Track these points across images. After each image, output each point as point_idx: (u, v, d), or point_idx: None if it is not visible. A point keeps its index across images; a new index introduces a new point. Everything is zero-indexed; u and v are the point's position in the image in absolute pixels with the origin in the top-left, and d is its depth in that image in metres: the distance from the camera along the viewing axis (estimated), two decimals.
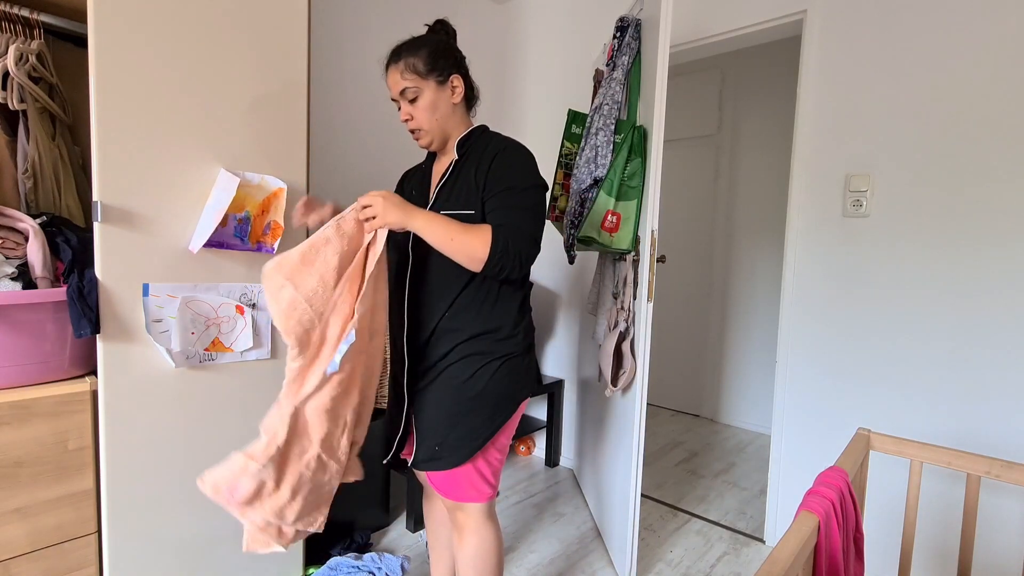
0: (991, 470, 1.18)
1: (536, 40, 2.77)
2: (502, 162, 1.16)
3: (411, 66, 1.16)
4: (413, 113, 1.19)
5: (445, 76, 1.19)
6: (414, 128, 1.21)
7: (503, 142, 1.20)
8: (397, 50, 1.20)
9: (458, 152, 1.23)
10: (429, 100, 1.18)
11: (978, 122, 1.59)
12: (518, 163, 1.17)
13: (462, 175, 1.20)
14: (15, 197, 1.36)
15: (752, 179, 3.36)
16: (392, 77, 1.19)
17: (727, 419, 3.51)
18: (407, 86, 1.17)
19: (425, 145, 1.24)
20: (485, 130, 1.27)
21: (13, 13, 1.32)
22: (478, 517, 1.22)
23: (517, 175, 1.15)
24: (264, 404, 1.47)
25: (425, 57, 1.17)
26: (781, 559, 0.77)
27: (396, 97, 1.20)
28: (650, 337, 1.70)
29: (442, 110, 1.20)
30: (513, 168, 1.16)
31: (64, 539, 1.21)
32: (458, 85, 1.22)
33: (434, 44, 1.20)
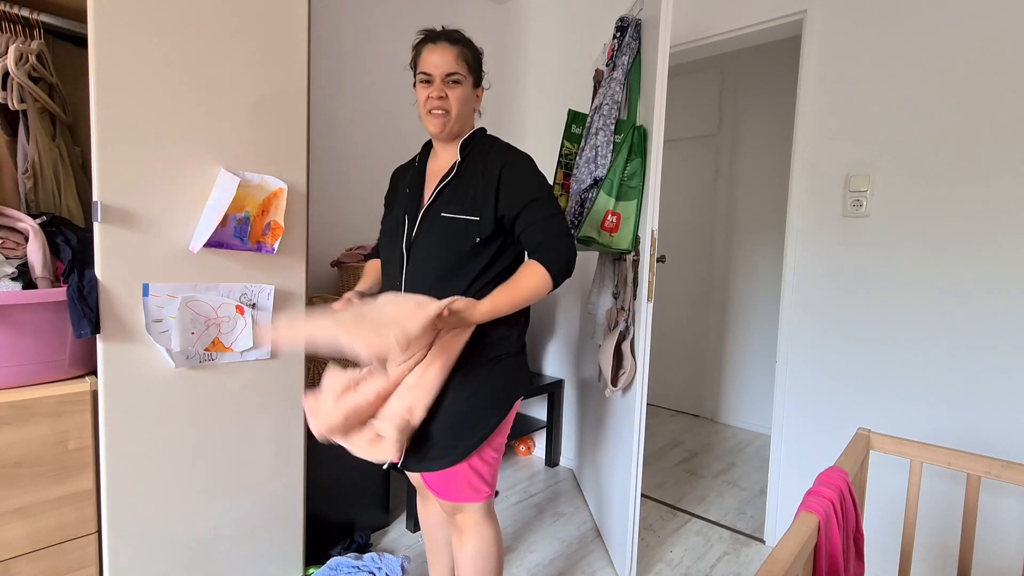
0: (991, 470, 1.18)
1: (536, 40, 2.77)
2: (514, 175, 1.19)
3: (465, 56, 1.20)
4: (450, 95, 1.19)
5: (478, 82, 1.27)
6: (442, 108, 1.19)
7: (506, 151, 1.24)
8: (453, 35, 1.21)
9: (460, 153, 1.24)
10: (465, 93, 1.22)
11: (978, 122, 1.59)
12: (529, 173, 1.21)
13: (465, 178, 1.21)
14: (15, 197, 1.36)
15: (752, 179, 3.36)
16: (444, 56, 1.18)
17: (727, 419, 3.51)
18: (457, 71, 1.19)
19: (437, 128, 1.21)
20: (484, 133, 1.30)
21: (13, 13, 1.32)
22: (477, 517, 1.22)
23: (534, 186, 1.20)
24: (264, 404, 1.47)
25: (475, 57, 1.24)
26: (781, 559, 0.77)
27: (436, 75, 1.18)
28: (650, 337, 1.70)
29: (468, 108, 1.24)
30: (528, 180, 1.20)
31: (64, 539, 1.21)
32: (480, 95, 1.30)
33: (479, 51, 1.27)
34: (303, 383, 1.55)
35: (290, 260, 1.48)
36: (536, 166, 1.24)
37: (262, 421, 1.47)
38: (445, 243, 1.18)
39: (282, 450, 1.52)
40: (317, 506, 1.78)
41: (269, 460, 1.49)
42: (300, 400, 1.54)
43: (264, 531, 1.51)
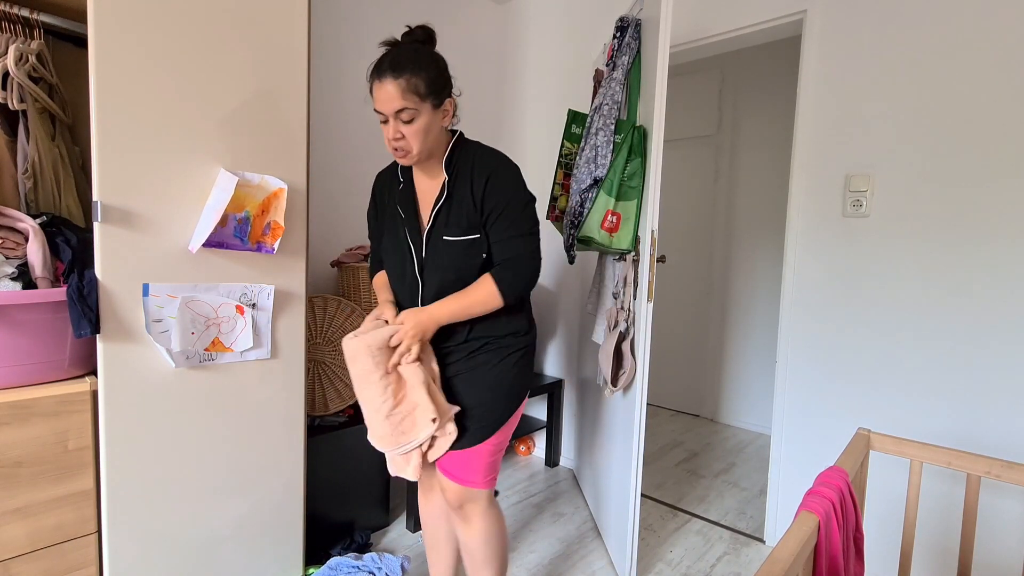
0: (991, 470, 1.18)
1: (536, 40, 2.77)
2: (496, 185, 1.19)
3: (413, 87, 1.10)
4: (405, 133, 1.14)
5: (442, 100, 1.17)
6: (401, 148, 1.16)
7: (490, 160, 1.21)
8: (398, 63, 1.10)
9: (447, 171, 1.22)
10: (424, 123, 1.14)
11: (978, 122, 1.59)
12: (510, 184, 1.21)
13: (456, 196, 1.22)
14: (15, 197, 1.36)
15: (752, 179, 3.36)
16: (386, 92, 1.10)
17: (727, 419, 3.51)
18: (406, 107, 1.11)
19: (407, 164, 1.20)
20: (462, 140, 1.26)
21: (13, 13, 1.32)
22: (484, 504, 1.30)
23: (510, 198, 1.20)
24: (264, 404, 1.47)
25: (428, 80, 1.12)
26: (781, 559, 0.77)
27: (387, 114, 1.13)
28: (650, 337, 1.70)
29: (433, 133, 1.17)
30: (505, 191, 1.20)
31: (64, 539, 1.21)
32: (450, 108, 1.20)
33: (436, 66, 1.15)
34: (303, 383, 1.55)
35: (290, 260, 1.48)
36: (518, 176, 1.22)
37: (262, 421, 1.47)
38: (455, 264, 1.22)
39: (282, 450, 1.52)
40: (317, 506, 1.78)
41: (269, 460, 1.49)
42: (300, 400, 1.54)
43: (264, 531, 1.51)
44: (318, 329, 1.89)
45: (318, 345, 1.89)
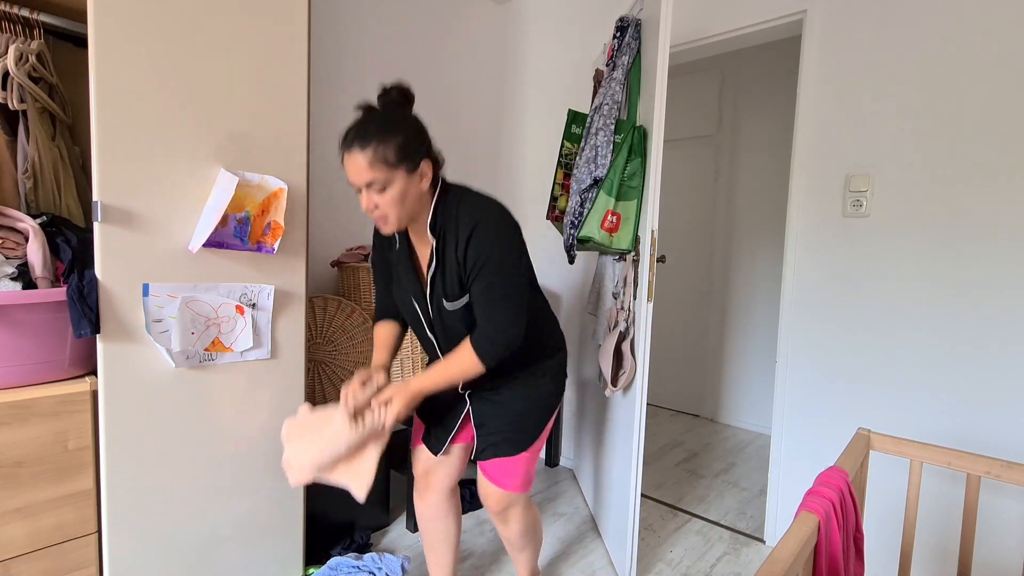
0: (991, 470, 1.18)
1: (536, 40, 2.77)
2: (476, 242, 1.13)
3: (381, 157, 1.06)
4: (379, 203, 1.11)
5: (416, 163, 1.11)
6: (379, 217, 1.13)
7: (472, 213, 1.15)
8: (364, 133, 1.07)
9: (433, 235, 1.18)
10: (399, 191, 1.10)
11: (978, 122, 1.59)
12: (491, 240, 1.13)
13: (446, 260, 1.19)
14: (15, 197, 1.36)
15: (752, 179, 3.36)
16: (355, 164, 1.07)
17: (727, 419, 3.51)
18: (374, 178, 1.07)
19: (389, 232, 1.17)
20: (447, 193, 1.20)
21: (13, 13, 1.32)
22: (521, 506, 1.39)
23: (491, 256, 1.13)
24: (264, 404, 1.47)
25: (397, 147, 1.07)
26: (781, 559, 0.77)
27: (358, 186, 1.10)
28: (650, 337, 1.70)
29: (411, 198, 1.13)
30: (486, 248, 1.13)
31: (64, 539, 1.21)
32: (427, 171, 1.14)
33: (406, 130, 1.10)
34: (303, 383, 1.55)
35: (290, 260, 1.48)
36: (501, 229, 1.15)
37: (262, 421, 1.47)
38: (464, 323, 1.22)
39: (282, 450, 1.52)
40: (317, 506, 1.78)
41: (269, 460, 1.49)
42: (300, 400, 1.54)
43: (264, 531, 1.51)
44: (318, 329, 1.89)
45: (318, 345, 1.89)
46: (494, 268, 1.13)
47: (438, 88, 2.62)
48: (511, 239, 1.16)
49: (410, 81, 2.48)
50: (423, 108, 2.55)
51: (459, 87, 2.72)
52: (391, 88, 1.16)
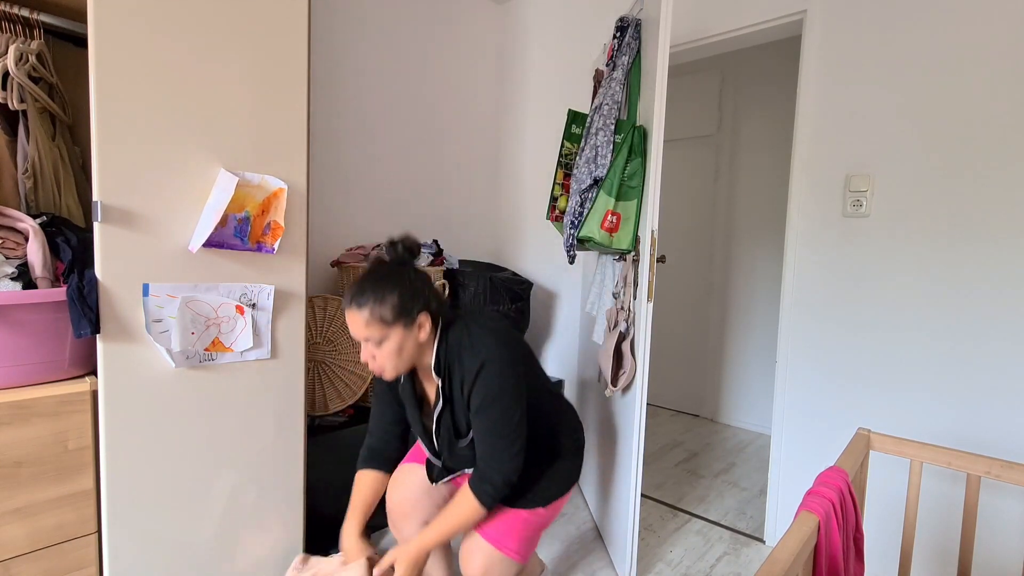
0: (991, 470, 1.18)
1: (536, 40, 2.77)
2: (482, 384, 1.17)
3: (379, 314, 1.12)
4: (376, 355, 1.16)
5: (413, 318, 1.15)
6: (378, 368, 1.18)
7: (477, 353, 1.18)
8: (361, 293, 1.12)
9: (438, 376, 1.22)
10: (396, 344, 1.15)
11: (978, 122, 1.59)
12: (495, 379, 1.17)
13: (453, 400, 1.23)
14: (15, 197, 1.36)
15: (752, 179, 3.36)
16: (354, 322, 1.13)
17: (727, 419, 3.51)
18: (370, 335, 1.13)
19: (390, 379, 1.22)
20: (448, 332, 1.22)
21: (13, 13, 1.32)
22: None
23: (497, 395, 1.17)
24: (264, 404, 1.47)
25: (393, 306, 1.12)
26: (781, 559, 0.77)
27: (358, 339, 1.17)
28: (650, 337, 1.70)
29: (408, 350, 1.17)
30: (492, 387, 1.17)
31: (64, 539, 1.21)
32: (425, 322, 1.18)
33: (402, 289, 1.14)
34: (303, 383, 1.55)
35: (290, 260, 1.48)
36: (504, 364, 1.18)
37: (262, 421, 1.47)
38: (472, 452, 1.27)
39: (282, 450, 1.52)
40: (317, 506, 1.78)
41: (269, 460, 1.49)
42: (300, 400, 1.54)
43: (264, 531, 1.51)
44: (318, 329, 1.89)
45: (318, 345, 1.89)
46: (497, 408, 1.17)
47: (438, 88, 2.62)
48: (514, 374, 1.20)
49: (410, 81, 2.48)
50: (423, 108, 2.55)
51: (459, 87, 2.72)
52: (398, 242, 1.20)
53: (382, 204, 2.43)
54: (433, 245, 2.09)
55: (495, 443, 1.18)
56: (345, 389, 1.91)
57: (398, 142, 2.46)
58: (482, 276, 2.21)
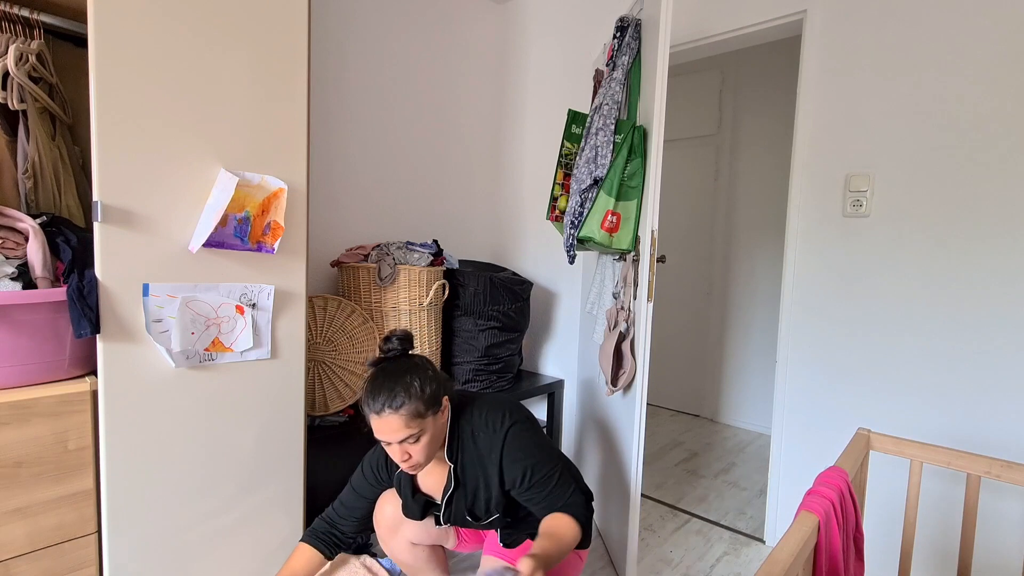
0: (991, 470, 1.18)
1: (536, 40, 2.77)
2: (512, 462, 1.20)
3: (416, 411, 1.12)
4: (412, 452, 1.15)
5: (440, 405, 1.18)
6: (411, 465, 1.16)
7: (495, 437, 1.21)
8: (393, 396, 1.11)
9: (451, 459, 1.24)
10: (430, 435, 1.16)
11: (978, 121, 1.59)
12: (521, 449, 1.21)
13: (467, 480, 1.24)
14: (15, 197, 1.36)
15: (752, 179, 3.36)
16: (389, 426, 1.11)
17: (727, 419, 3.51)
18: (411, 433, 1.12)
19: (414, 473, 1.23)
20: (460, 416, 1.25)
21: (13, 13, 1.32)
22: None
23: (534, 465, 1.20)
24: (264, 404, 1.47)
25: (426, 398, 1.14)
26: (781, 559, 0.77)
27: (393, 443, 1.14)
28: (650, 337, 1.70)
29: (439, 436, 1.19)
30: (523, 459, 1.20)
31: (64, 539, 1.21)
32: (447, 404, 1.20)
33: (426, 377, 1.16)
34: (303, 383, 1.55)
35: (290, 260, 1.48)
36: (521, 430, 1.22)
37: (262, 421, 1.47)
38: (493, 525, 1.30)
39: (282, 450, 1.52)
40: (317, 506, 1.78)
41: (269, 460, 1.49)
42: (300, 400, 1.54)
43: (264, 530, 1.50)
44: (318, 329, 1.89)
45: (318, 345, 1.89)
46: (541, 468, 1.20)
47: (438, 88, 2.62)
48: (534, 432, 1.24)
49: (410, 81, 2.48)
50: (423, 108, 2.55)
51: (459, 87, 2.72)
52: (391, 336, 1.22)
53: (382, 204, 2.43)
54: (433, 245, 2.09)
55: (557, 491, 1.20)
56: (345, 389, 1.91)
57: (398, 142, 2.46)
58: (482, 276, 2.21)
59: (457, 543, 1.49)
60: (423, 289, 2.00)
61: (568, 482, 1.22)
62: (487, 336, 2.24)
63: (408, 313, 1.99)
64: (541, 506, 1.22)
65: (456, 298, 2.22)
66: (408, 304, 1.98)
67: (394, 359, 1.21)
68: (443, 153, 2.68)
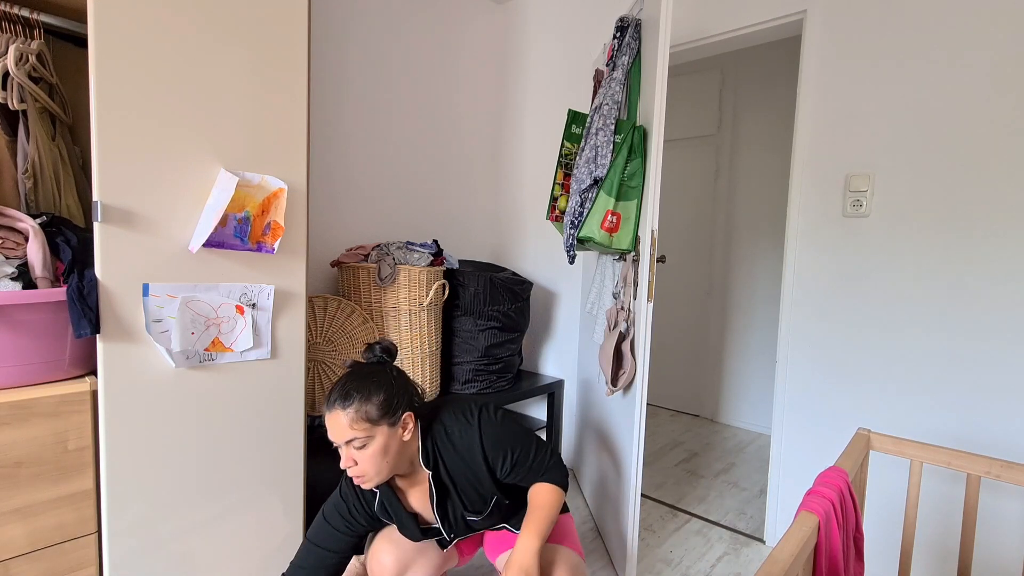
0: (991, 470, 1.18)
1: (536, 40, 2.77)
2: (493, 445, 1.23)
3: (363, 414, 1.09)
4: (358, 459, 1.11)
5: (398, 417, 1.14)
6: (359, 474, 1.12)
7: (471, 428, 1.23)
8: (346, 393, 1.10)
9: (428, 467, 1.22)
10: (380, 445, 1.12)
11: (978, 121, 1.59)
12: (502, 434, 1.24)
13: (457, 480, 1.24)
14: (15, 197, 1.36)
15: (752, 179, 3.36)
16: (336, 423, 1.09)
17: (727, 419, 3.51)
18: (354, 435, 1.09)
19: (369, 487, 1.16)
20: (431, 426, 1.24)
21: (13, 13, 1.32)
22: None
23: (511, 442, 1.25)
24: (264, 404, 1.47)
25: (380, 402, 1.11)
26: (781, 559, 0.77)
27: (338, 443, 1.12)
28: (650, 337, 1.70)
29: (392, 451, 1.14)
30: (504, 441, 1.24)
31: (64, 539, 1.21)
32: (409, 421, 1.17)
33: (387, 388, 1.14)
34: (303, 383, 1.55)
35: (290, 260, 1.48)
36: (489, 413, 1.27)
37: (262, 421, 1.47)
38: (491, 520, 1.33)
39: (282, 450, 1.52)
40: (317, 506, 1.78)
41: (269, 460, 1.49)
42: (300, 400, 1.54)
43: (264, 530, 1.50)
44: (318, 329, 1.89)
45: (318, 345, 1.89)
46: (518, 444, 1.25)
47: (438, 88, 2.62)
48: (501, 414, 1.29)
49: (410, 81, 2.48)
50: (423, 108, 2.55)
51: (459, 87, 2.72)
52: (375, 344, 1.24)
53: (382, 204, 2.43)
54: (433, 245, 2.09)
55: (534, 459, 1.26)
56: None
57: (398, 142, 2.46)
58: (482, 276, 2.21)
59: (460, 559, 1.50)
60: (423, 289, 2.00)
61: (543, 447, 1.29)
62: (487, 336, 2.24)
63: (408, 313, 1.99)
64: (527, 478, 1.27)
65: (456, 298, 2.22)
66: (408, 304, 1.98)
67: (368, 365, 1.21)
68: (443, 153, 2.68)
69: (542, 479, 1.27)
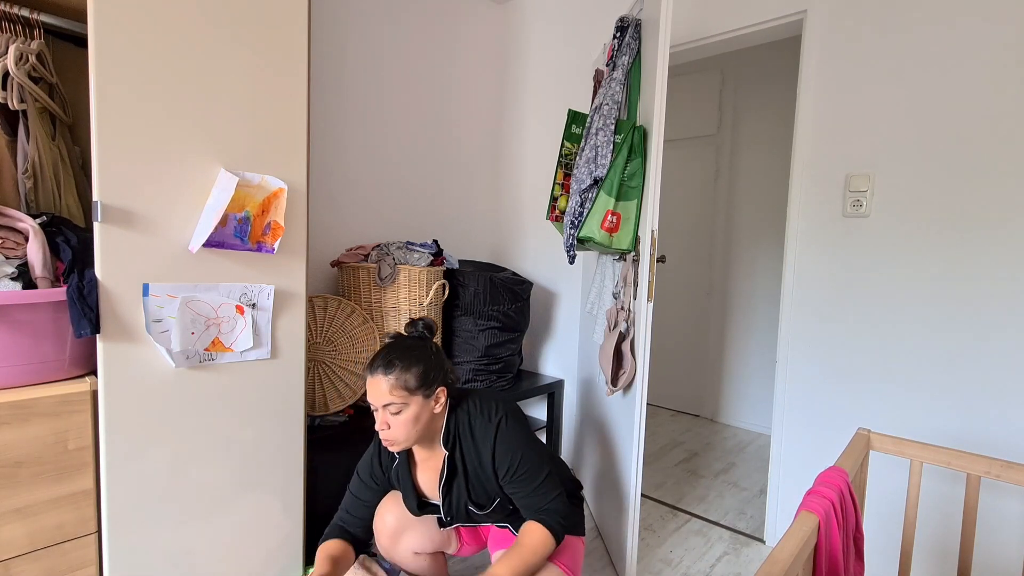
0: (991, 470, 1.18)
1: (536, 40, 2.77)
2: (504, 449, 1.24)
3: (403, 382, 1.17)
4: (391, 423, 1.19)
5: (433, 390, 1.22)
6: (389, 439, 1.20)
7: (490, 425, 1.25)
8: (389, 361, 1.18)
9: (446, 447, 1.27)
10: (413, 413, 1.19)
11: (978, 121, 1.59)
12: (514, 441, 1.25)
13: (468, 466, 1.27)
14: (15, 197, 1.36)
15: (752, 179, 3.36)
16: (376, 387, 1.18)
17: (727, 419, 3.51)
18: (392, 401, 1.17)
19: (396, 450, 1.24)
20: (457, 408, 1.29)
21: (13, 13, 1.32)
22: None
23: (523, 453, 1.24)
24: (264, 404, 1.47)
25: (419, 374, 1.18)
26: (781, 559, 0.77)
27: (377, 406, 1.19)
28: (650, 337, 1.70)
29: (423, 421, 1.21)
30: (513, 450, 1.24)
31: (64, 539, 1.21)
32: (442, 396, 1.24)
33: (428, 359, 1.21)
34: (303, 383, 1.55)
35: (290, 260, 1.48)
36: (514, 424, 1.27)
37: (262, 421, 1.47)
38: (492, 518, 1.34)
39: (282, 450, 1.52)
40: (317, 506, 1.78)
41: (269, 460, 1.49)
42: (300, 400, 1.54)
43: (264, 530, 1.50)
44: (318, 329, 1.89)
45: (318, 345, 1.89)
46: (528, 462, 1.24)
47: (438, 88, 2.62)
48: (525, 427, 1.29)
49: (410, 81, 2.48)
50: (423, 108, 2.55)
51: (459, 87, 2.72)
52: (417, 320, 1.31)
53: (382, 204, 2.43)
54: (433, 245, 2.09)
55: (541, 489, 1.24)
56: (345, 389, 1.91)
57: (398, 142, 2.46)
58: (482, 276, 2.21)
59: (459, 547, 1.50)
60: (423, 289, 2.00)
61: (554, 486, 1.26)
62: (487, 336, 2.24)
63: (408, 313, 1.99)
64: (524, 503, 1.26)
65: (456, 298, 2.22)
66: (408, 304, 1.98)
67: (410, 338, 1.27)
68: (443, 153, 2.68)
69: (539, 517, 1.23)
